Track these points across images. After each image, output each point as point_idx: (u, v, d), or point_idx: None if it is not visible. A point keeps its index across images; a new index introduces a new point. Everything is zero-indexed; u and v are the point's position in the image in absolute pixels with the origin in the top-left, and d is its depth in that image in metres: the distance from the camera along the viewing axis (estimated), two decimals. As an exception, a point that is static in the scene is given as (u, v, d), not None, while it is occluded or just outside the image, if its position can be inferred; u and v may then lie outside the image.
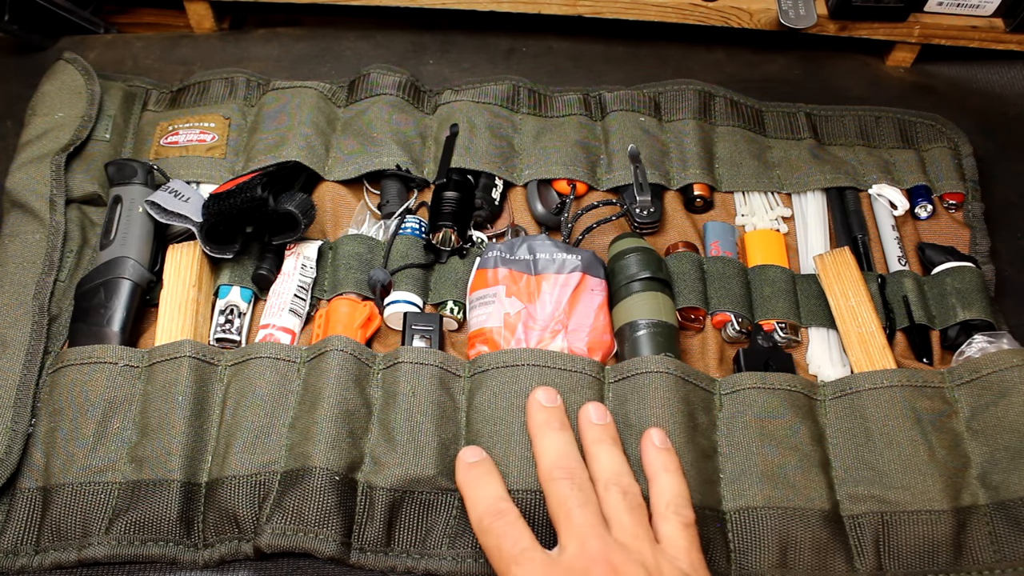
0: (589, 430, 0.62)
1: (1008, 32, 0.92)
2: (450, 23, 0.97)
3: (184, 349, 0.66)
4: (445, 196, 0.76)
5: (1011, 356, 0.66)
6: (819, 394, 0.68)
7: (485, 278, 0.71)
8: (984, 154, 0.86)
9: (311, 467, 0.61)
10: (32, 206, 0.73)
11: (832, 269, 0.74)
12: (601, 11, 0.92)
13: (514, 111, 0.84)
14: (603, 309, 0.70)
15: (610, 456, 0.60)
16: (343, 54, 0.94)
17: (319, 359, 0.66)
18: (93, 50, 0.93)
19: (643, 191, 0.77)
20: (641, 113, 0.84)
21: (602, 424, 0.62)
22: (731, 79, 0.92)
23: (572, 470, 0.58)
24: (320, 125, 0.81)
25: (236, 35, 0.96)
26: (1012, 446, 0.64)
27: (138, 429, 0.64)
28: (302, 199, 0.71)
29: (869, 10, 0.89)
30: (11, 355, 0.66)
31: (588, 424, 0.62)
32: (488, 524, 0.57)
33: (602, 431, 0.62)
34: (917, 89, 0.95)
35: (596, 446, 0.61)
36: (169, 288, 0.70)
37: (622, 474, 0.59)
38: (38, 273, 0.71)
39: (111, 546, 0.60)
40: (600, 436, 0.61)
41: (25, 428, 0.64)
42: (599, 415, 0.63)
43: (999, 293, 0.78)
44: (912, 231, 0.80)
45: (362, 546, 0.61)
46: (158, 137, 0.82)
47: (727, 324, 0.73)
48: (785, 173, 0.82)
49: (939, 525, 0.62)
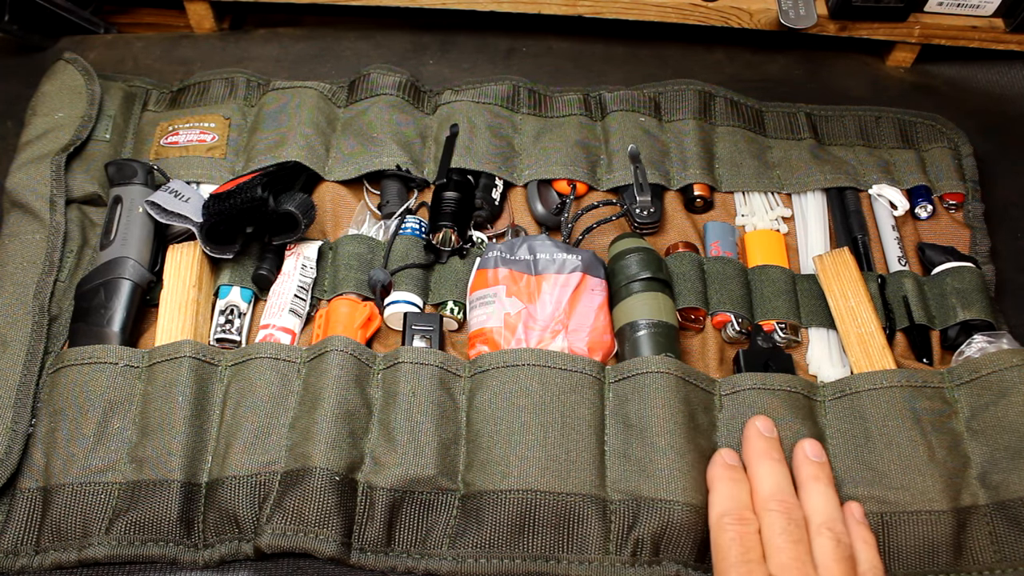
0: (805, 466, 0.62)
1: (1008, 32, 0.92)
2: (450, 23, 0.97)
3: (184, 349, 0.66)
4: (445, 196, 0.76)
5: (1011, 356, 0.66)
6: (819, 395, 0.68)
7: (485, 278, 0.71)
8: (984, 154, 0.86)
9: (311, 467, 0.61)
10: (32, 206, 0.73)
11: (832, 269, 0.74)
12: (601, 11, 0.92)
13: (514, 111, 0.84)
14: (603, 309, 0.70)
15: (825, 498, 0.60)
16: (343, 54, 0.94)
17: (319, 359, 0.66)
18: (93, 50, 0.93)
19: (643, 191, 0.77)
20: (641, 113, 0.84)
21: (820, 462, 0.62)
22: (731, 79, 0.92)
23: (788, 505, 0.59)
24: (320, 125, 0.81)
25: (236, 35, 0.96)
26: (1012, 446, 0.64)
27: (138, 429, 0.64)
28: (302, 199, 0.71)
29: (869, 10, 0.89)
30: (11, 355, 0.66)
31: (804, 460, 0.62)
32: (728, 524, 0.58)
33: (819, 469, 0.62)
34: (917, 89, 0.94)
35: (813, 484, 0.61)
36: (169, 288, 0.70)
37: (836, 520, 0.59)
38: (38, 273, 0.71)
39: (111, 546, 0.60)
40: (817, 474, 0.61)
41: (25, 428, 0.64)
42: (815, 452, 0.63)
43: (999, 293, 0.78)
44: (912, 231, 0.80)
45: (362, 546, 0.61)
46: (158, 137, 0.82)
47: (727, 324, 0.73)
48: (785, 173, 0.82)
49: (939, 525, 0.62)
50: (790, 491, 0.60)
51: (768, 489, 0.60)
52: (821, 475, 0.61)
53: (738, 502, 0.60)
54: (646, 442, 0.63)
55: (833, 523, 0.58)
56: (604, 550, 0.61)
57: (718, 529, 0.59)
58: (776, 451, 0.62)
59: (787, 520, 0.58)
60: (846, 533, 0.59)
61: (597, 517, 0.61)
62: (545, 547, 0.61)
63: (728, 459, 0.63)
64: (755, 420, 0.64)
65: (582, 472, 0.62)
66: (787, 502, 0.59)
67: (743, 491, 0.60)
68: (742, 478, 0.61)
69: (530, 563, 0.61)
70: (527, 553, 0.61)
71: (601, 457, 0.64)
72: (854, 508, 0.61)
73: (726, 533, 0.58)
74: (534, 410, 0.64)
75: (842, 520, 0.59)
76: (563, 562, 0.61)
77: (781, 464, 0.62)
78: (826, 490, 0.61)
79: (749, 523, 0.58)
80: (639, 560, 0.61)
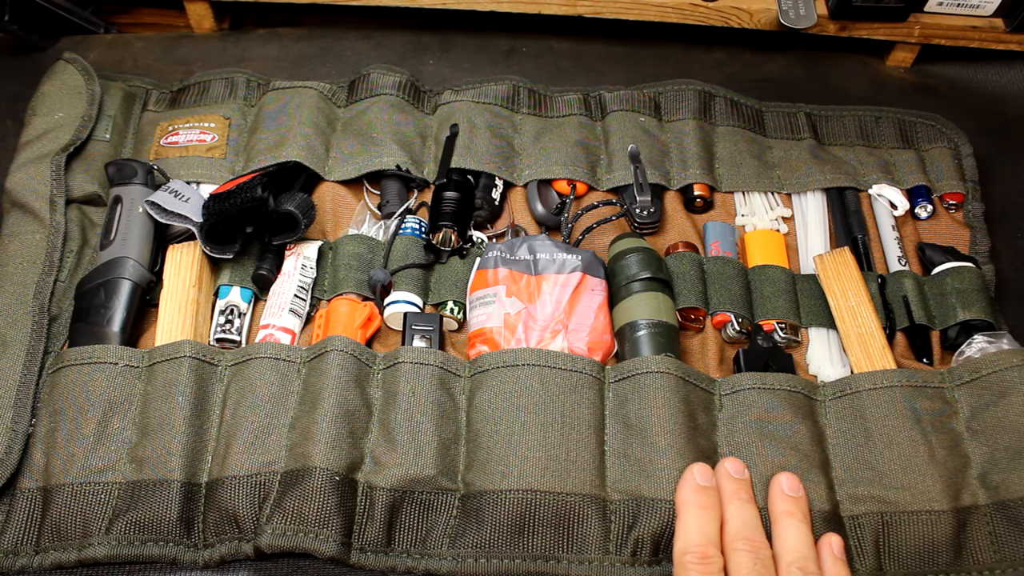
0: (780, 502, 0.61)
1: (1008, 32, 0.92)
2: (450, 23, 0.97)
3: (184, 349, 0.66)
4: (445, 196, 0.76)
5: (1011, 356, 0.66)
6: (819, 394, 0.68)
7: (485, 278, 0.71)
8: (984, 154, 0.86)
9: (311, 467, 0.61)
10: (32, 206, 0.73)
11: (832, 269, 0.74)
12: (601, 11, 0.92)
13: (514, 111, 0.84)
14: (603, 309, 0.70)
15: (798, 535, 0.59)
16: (343, 54, 0.94)
17: (319, 359, 0.66)
18: (93, 50, 0.93)
19: (643, 191, 0.77)
20: (641, 113, 0.84)
21: (795, 497, 0.61)
22: (731, 79, 0.92)
23: (755, 544, 0.58)
24: (320, 125, 0.81)
25: (236, 35, 0.96)
26: (1012, 446, 0.64)
27: (138, 429, 0.64)
28: (302, 199, 0.71)
29: (869, 10, 0.89)
30: (11, 355, 0.66)
31: (780, 495, 0.62)
32: (690, 563, 0.57)
33: (794, 504, 0.61)
34: (917, 89, 0.95)
35: (787, 520, 0.60)
36: (169, 288, 0.70)
37: (808, 559, 0.58)
38: (38, 273, 0.71)
39: (111, 546, 0.60)
40: (791, 510, 0.61)
41: (25, 428, 0.64)
42: (792, 487, 0.62)
43: (999, 293, 0.78)
44: (912, 231, 0.80)
45: (362, 546, 0.61)
46: (158, 137, 0.82)
47: (727, 324, 0.73)
48: (785, 173, 0.82)
49: (939, 525, 0.62)
50: (758, 529, 0.60)
51: (735, 528, 0.59)
52: (795, 511, 0.60)
53: (703, 536, 0.58)
54: (646, 442, 0.63)
55: (804, 562, 0.58)
56: (604, 550, 0.61)
57: (680, 567, 0.58)
58: (744, 492, 0.61)
59: (754, 559, 0.57)
60: (817, 572, 0.58)
61: (597, 517, 0.61)
62: (545, 547, 0.61)
63: (700, 478, 0.61)
64: (724, 461, 0.63)
65: (582, 472, 0.62)
66: (754, 540, 0.58)
67: (710, 522, 0.59)
68: (712, 504, 0.60)
69: (530, 563, 0.61)
70: (527, 553, 0.61)
71: (601, 457, 0.64)
72: (833, 542, 0.60)
73: (688, 573, 0.57)
74: (534, 410, 0.64)
75: (814, 559, 0.58)
76: (563, 562, 0.61)
77: (750, 504, 0.61)
78: (799, 526, 0.60)
79: (712, 562, 0.57)
80: (639, 560, 0.61)
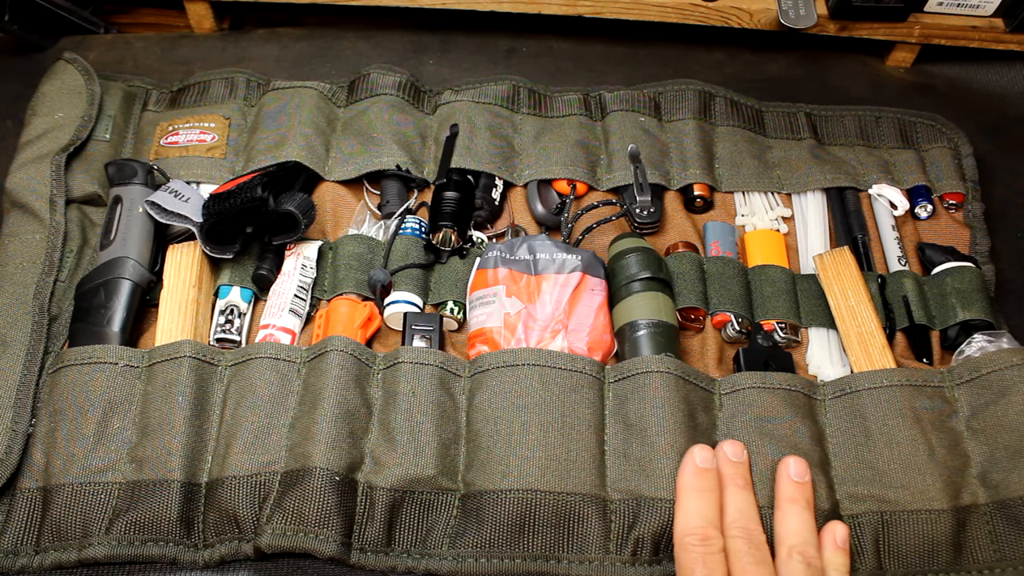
0: (785, 487, 0.61)
1: (1008, 32, 0.92)
2: (450, 23, 0.97)
3: (184, 349, 0.66)
4: (445, 196, 0.76)
5: (1011, 355, 0.66)
6: (819, 394, 0.68)
7: (485, 278, 0.71)
8: (984, 154, 0.86)
9: (311, 467, 0.61)
10: (32, 206, 0.73)
11: (832, 269, 0.74)
12: (601, 11, 0.92)
13: (514, 111, 0.84)
14: (603, 309, 0.70)
15: (800, 521, 0.59)
16: (343, 54, 0.94)
17: (319, 359, 0.66)
18: (93, 50, 0.93)
19: (643, 191, 0.77)
20: (641, 113, 0.84)
21: (801, 483, 0.62)
22: (731, 79, 0.92)
23: (749, 531, 0.59)
24: (320, 125, 0.81)
25: (236, 35, 0.96)
26: (1012, 445, 0.64)
27: (138, 429, 0.64)
28: (302, 199, 0.71)
29: (869, 10, 0.89)
30: (11, 355, 0.66)
31: (786, 480, 0.62)
32: (691, 544, 0.58)
33: (798, 491, 0.61)
34: (917, 89, 0.95)
35: (789, 505, 0.60)
36: (169, 288, 0.70)
37: (808, 544, 0.58)
38: (38, 273, 0.71)
39: (111, 546, 0.60)
40: (794, 496, 0.61)
41: (25, 428, 0.64)
42: (799, 472, 0.62)
43: (999, 293, 0.78)
44: (912, 231, 0.80)
45: (362, 546, 0.61)
46: (158, 137, 0.82)
47: (727, 324, 0.73)
48: (785, 173, 0.82)
49: (939, 524, 0.62)
50: (753, 516, 0.60)
51: (730, 516, 0.60)
52: (799, 497, 0.61)
53: (703, 519, 0.59)
54: (646, 442, 0.63)
55: (805, 547, 0.58)
56: (604, 550, 0.61)
57: (681, 548, 0.58)
58: (741, 477, 0.61)
59: (748, 545, 0.58)
60: (817, 557, 0.58)
61: (597, 517, 0.61)
62: (545, 547, 0.61)
63: (700, 460, 0.61)
64: (724, 444, 0.63)
65: (582, 472, 0.62)
66: (748, 528, 0.59)
67: (710, 505, 0.60)
68: (711, 486, 0.60)
69: (530, 563, 0.61)
70: (527, 553, 0.61)
71: (601, 457, 0.64)
72: (837, 531, 0.60)
73: (689, 553, 0.57)
74: (534, 410, 0.64)
75: (815, 544, 0.59)
76: (563, 562, 0.61)
77: (746, 490, 0.61)
78: (802, 512, 0.60)
79: (713, 543, 0.58)
80: (639, 560, 0.61)
